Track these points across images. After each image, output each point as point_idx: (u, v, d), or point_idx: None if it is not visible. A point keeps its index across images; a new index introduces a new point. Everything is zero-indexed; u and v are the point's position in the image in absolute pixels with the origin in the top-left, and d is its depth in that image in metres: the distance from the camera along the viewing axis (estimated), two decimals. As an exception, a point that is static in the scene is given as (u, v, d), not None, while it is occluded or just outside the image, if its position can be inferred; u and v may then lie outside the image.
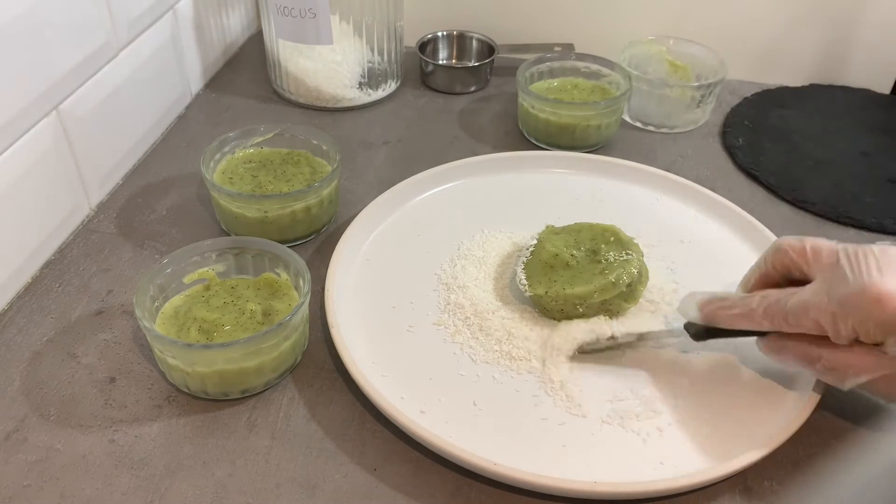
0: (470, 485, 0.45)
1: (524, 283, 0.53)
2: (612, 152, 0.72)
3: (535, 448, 0.46)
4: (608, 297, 0.51)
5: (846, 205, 0.66)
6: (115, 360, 0.51)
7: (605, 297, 0.51)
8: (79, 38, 0.59)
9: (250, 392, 0.49)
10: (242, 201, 0.58)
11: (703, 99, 0.74)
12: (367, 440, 0.47)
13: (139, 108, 0.69)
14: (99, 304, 0.55)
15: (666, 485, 0.43)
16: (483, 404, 0.48)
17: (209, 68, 0.81)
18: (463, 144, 0.73)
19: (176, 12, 0.72)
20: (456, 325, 0.53)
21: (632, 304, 0.53)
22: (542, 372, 0.50)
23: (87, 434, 0.47)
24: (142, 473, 0.45)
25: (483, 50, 0.84)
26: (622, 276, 0.52)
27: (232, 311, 0.50)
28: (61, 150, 0.58)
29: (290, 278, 0.52)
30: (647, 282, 0.54)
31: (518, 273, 0.54)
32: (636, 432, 0.47)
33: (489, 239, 0.60)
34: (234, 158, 0.63)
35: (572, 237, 0.56)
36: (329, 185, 0.60)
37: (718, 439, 0.46)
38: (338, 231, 0.61)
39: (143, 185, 0.67)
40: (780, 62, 0.84)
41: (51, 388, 0.50)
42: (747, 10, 0.81)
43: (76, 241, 0.61)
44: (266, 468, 0.45)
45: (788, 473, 0.46)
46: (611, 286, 0.51)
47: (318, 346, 0.53)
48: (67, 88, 0.58)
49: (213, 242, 0.53)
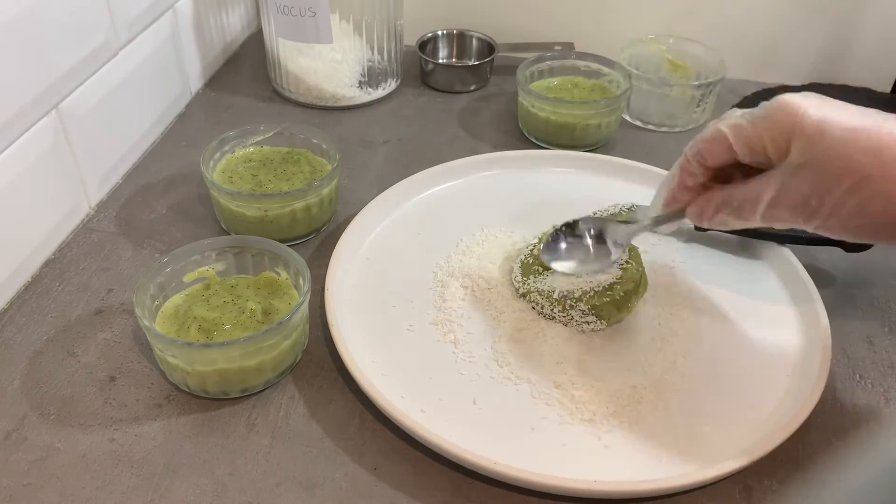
0: (470, 484, 0.45)
1: (518, 280, 0.54)
2: (612, 151, 0.72)
3: (535, 447, 0.46)
4: (598, 302, 0.51)
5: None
6: (115, 359, 0.51)
7: (595, 302, 0.51)
8: (78, 37, 0.59)
9: (250, 391, 0.49)
10: (242, 200, 0.58)
11: (703, 98, 0.74)
12: (367, 439, 0.47)
13: (139, 107, 0.69)
14: (99, 303, 0.55)
15: (666, 484, 0.43)
16: (483, 403, 0.48)
17: (209, 67, 0.81)
18: (463, 143, 0.73)
19: (175, 11, 0.72)
20: (455, 324, 0.53)
21: (624, 315, 0.53)
22: (542, 371, 0.50)
23: (87, 433, 0.47)
24: (142, 472, 0.45)
25: (483, 49, 0.84)
26: (616, 285, 0.52)
27: (232, 310, 0.50)
28: (61, 149, 0.58)
29: (290, 277, 0.52)
30: (644, 293, 0.54)
31: (514, 270, 0.54)
32: (636, 431, 0.47)
33: (489, 238, 0.60)
34: (233, 157, 0.63)
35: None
36: (329, 184, 0.60)
37: (718, 438, 0.46)
38: (338, 230, 0.61)
39: (143, 184, 0.67)
40: (780, 61, 0.84)
41: (51, 387, 0.49)
42: (747, 10, 0.81)
43: (76, 240, 0.61)
44: (266, 467, 0.45)
45: (788, 473, 0.46)
46: (603, 292, 0.51)
47: (318, 346, 0.53)
48: (67, 87, 0.58)
49: (213, 241, 0.53)
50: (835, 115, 0.39)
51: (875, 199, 0.38)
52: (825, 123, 0.39)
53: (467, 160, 0.67)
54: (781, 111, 0.40)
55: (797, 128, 0.40)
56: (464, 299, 0.55)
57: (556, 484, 0.43)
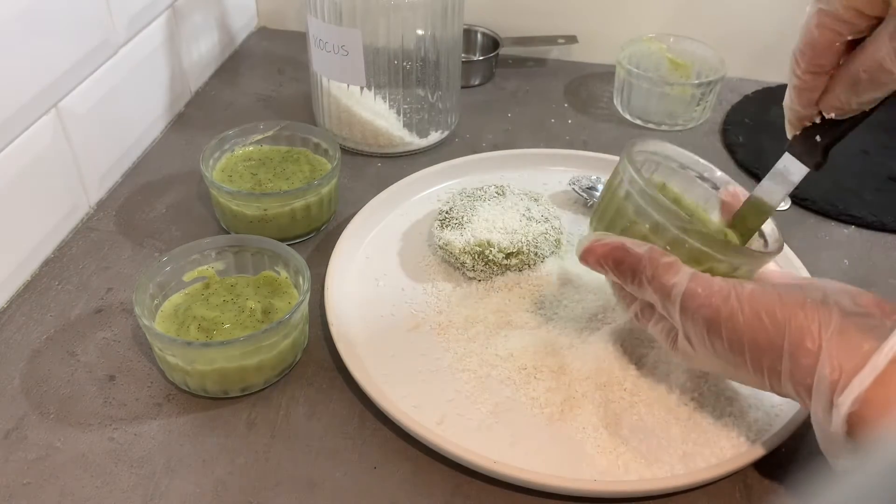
0: (469, 483, 0.45)
1: (439, 238, 0.57)
2: (612, 150, 0.72)
3: (535, 446, 0.46)
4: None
5: (846, 202, 0.66)
6: (115, 359, 0.51)
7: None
8: (78, 35, 0.59)
9: (250, 390, 0.49)
10: (242, 199, 0.58)
11: (703, 97, 0.74)
12: (367, 438, 0.47)
13: (138, 106, 0.69)
14: (98, 303, 0.55)
15: (666, 483, 0.43)
16: (483, 402, 0.48)
17: (209, 66, 0.81)
18: (464, 141, 0.73)
19: (175, 9, 0.72)
20: (455, 323, 0.53)
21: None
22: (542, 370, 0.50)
23: (87, 432, 0.47)
24: (141, 471, 0.45)
25: (487, 43, 0.84)
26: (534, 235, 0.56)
27: (231, 310, 0.50)
28: (60, 148, 0.58)
29: (290, 276, 0.52)
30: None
31: (433, 231, 0.58)
32: (636, 430, 0.47)
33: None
34: (233, 156, 0.63)
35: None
36: (328, 184, 0.60)
37: (718, 438, 0.46)
38: (337, 229, 0.61)
39: (143, 183, 0.66)
40: (780, 60, 0.84)
41: (50, 386, 0.49)
42: (748, 8, 0.81)
43: (75, 239, 0.61)
44: (266, 466, 0.45)
45: (788, 473, 0.46)
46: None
47: (318, 345, 0.53)
48: (67, 86, 0.58)
49: (212, 240, 0.53)
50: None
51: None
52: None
53: (467, 159, 0.67)
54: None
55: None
56: (464, 299, 0.55)
57: (555, 483, 0.43)
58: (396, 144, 0.70)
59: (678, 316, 0.42)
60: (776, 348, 0.39)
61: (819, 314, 0.39)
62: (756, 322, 0.40)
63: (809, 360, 0.38)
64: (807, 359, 0.38)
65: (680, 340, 0.43)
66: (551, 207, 0.60)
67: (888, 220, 0.64)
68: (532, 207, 0.58)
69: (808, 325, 0.38)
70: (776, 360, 0.39)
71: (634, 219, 0.45)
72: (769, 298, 0.40)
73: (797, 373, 0.39)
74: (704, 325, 0.41)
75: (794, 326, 0.39)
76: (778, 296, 0.40)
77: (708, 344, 0.42)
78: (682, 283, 0.42)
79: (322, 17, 0.63)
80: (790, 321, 0.39)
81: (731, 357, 0.41)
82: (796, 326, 0.39)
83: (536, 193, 0.61)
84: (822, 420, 0.38)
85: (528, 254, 0.56)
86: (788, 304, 0.39)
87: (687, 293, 0.41)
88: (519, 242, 0.55)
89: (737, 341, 0.40)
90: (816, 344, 0.38)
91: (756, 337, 0.40)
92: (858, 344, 0.37)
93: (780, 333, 0.39)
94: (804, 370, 0.38)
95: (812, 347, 0.38)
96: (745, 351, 0.40)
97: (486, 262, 0.55)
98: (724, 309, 0.40)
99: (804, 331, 0.38)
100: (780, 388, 0.41)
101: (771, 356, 0.40)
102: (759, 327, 0.40)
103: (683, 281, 0.42)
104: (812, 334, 0.38)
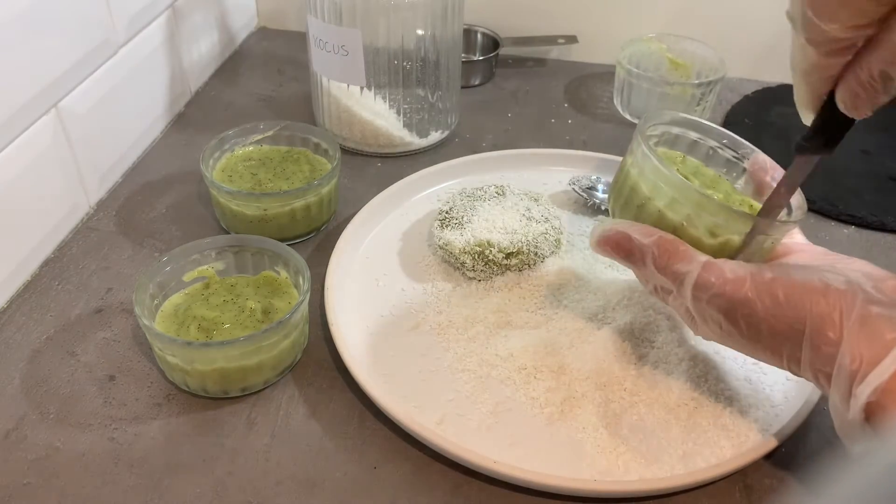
0: (469, 483, 0.45)
1: (439, 238, 0.57)
2: (612, 150, 0.72)
3: (535, 446, 0.46)
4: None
5: (846, 202, 0.66)
6: (115, 359, 0.51)
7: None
8: (78, 35, 0.59)
9: (250, 390, 0.49)
10: (242, 199, 0.58)
11: (703, 97, 0.74)
12: (367, 438, 0.47)
13: (138, 106, 0.69)
14: (98, 303, 0.55)
15: (666, 483, 0.43)
16: (483, 402, 0.48)
17: (208, 66, 0.81)
18: (464, 141, 0.73)
19: (175, 9, 0.72)
20: (455, 322, 0.53)
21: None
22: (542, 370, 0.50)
23: (87, 432, 0.47)
24: (141, 471, 0.45)
25: (487, 43, 0.84)
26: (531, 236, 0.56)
27: (231, 310, 0.50)
28: (60, 148, 0.58)
29: (290, 276, 0.52)
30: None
31: (433, 231, 0.58)
32: (636, 430, 0.47)
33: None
34: (233, 156, 0.63)
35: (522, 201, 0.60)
36: (328, 183, 0.60)
37: (718, 438, 0.46)
38: (337, 229, 0.60)
39: (143, 183, 0.66)
40: (780, 60, 0.84)
41: (50, 386, 0.49)
42: (748, 8, 0.81)
43: (75, 238, 0.61)
44: (266, 466, 0.45)
45: (788, 473, 0.46)
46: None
47: (318, 345, 0.53)
48: (67, 86, 0.58)
49: (212, 240, 0.53)
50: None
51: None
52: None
53: (466, 159, 0.67)
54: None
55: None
56: (464, 299, 0.55)
57: (555, 483, 0.43)
58: (396, 144, 0.70)
59: (691, 304, 0.42)
60: (796, 336, 0.39)
61: (841, 302, 0.38)
62: (776, 310, 0.40)
63: (830, 349, 0.38)
64: (827, 347, 0.38)
65: (698, 321, 0.43)
66: (551, 207, 0.60)
67: (888, 220, 0.64)
68: (532, 207, 0.58)
69: (829, 313, 0.38)
70: (796, 347, 0.39)
71: (649, 195, 0.45)
72: (790, 286, 0.40)
73: (817, 361, 0.39)
74: (719, 312, 0.41)
75: (815, 314, 0.38)
76: (799, 283, 0.40)
77: (725, 329, 0.42)
78: (693, 272, 0.42)
79: (322, 17, 0.63)
80: (811, 309, 0.39)
81: (747, 343, 0.41)
82: (817, 314, 0.38)
83: (536, 193, 0.61)
84: (839, 407, 0.38)
85: (528, 254, 0.56)
86: (810, 292, 0.39)
87: (699, 282, 0.41)
88: (519, 242, 0.55)
89: (754, 328, 0.40)
90: (838, 333, 0.38)
91: (775, 325, 0.40)
92: (880, 334, 0.37)
93: (800, 321, 0.39)
94: (824, 359, 0.38)
95: (833, 336, 0.38)
96: (763, 338, 0.40)
97: (486, 262, 0.55)
98: (739, 297, 0.40)
99: (825, 319, 0.38)
100: (799, 372, 0.41)
101: (791, 344, 0.40)
102: (779, 315, 0.39)
103: (695, 269, 0.42)
104: (833, 323, 0.38)
